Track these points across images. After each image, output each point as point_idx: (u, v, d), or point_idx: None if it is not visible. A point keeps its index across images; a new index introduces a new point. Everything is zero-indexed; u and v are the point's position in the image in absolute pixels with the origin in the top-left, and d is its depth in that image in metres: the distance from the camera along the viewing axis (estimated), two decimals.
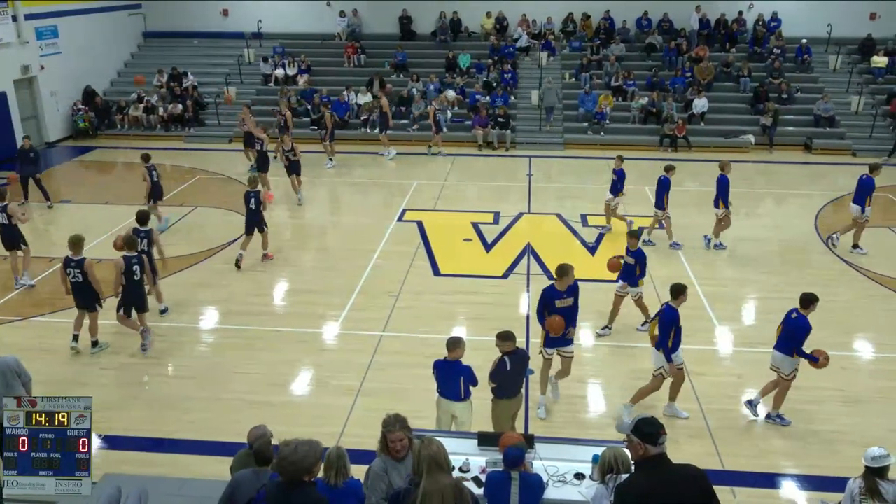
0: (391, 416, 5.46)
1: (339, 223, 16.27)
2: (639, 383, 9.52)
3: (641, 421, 4.39)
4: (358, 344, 10.70)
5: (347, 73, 25.62)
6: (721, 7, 25.96)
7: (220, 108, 24.00)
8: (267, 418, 6.92)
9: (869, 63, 24.33)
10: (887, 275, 13.01)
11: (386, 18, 27.16)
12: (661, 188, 14.02)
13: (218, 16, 27.68)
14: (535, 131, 22.84)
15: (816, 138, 21.99)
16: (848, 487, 6.18)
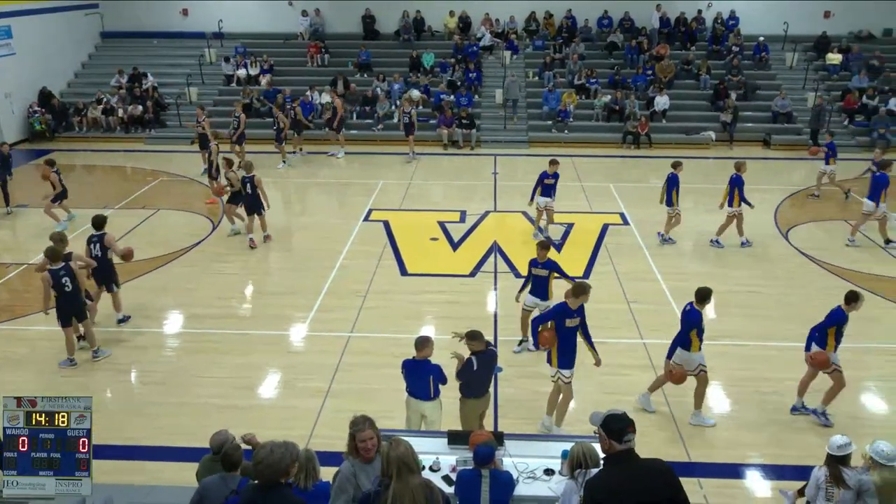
0: (359, 416, 5.43)
1: (305, 224, 16.15)
2: (607, 379, 9.64)
3: (610, 416, 4.42)
4: (326, 345, 10.64)
5: (311, 72, 25.45)
6: (680, 6, 26.34)
7: (181, 109, 23.64)
8: (235, 422, 6.86)
9: (824, 60, 24.90)
10: (845, 267, 13.32)
11: (349, 18, 27.03)
12: (671, 185, 14.15)
13: (177, 15, 27.26)
14: (499, 130, 22.94)
15: (775, 134, 22.45)
16: (813, 475, 6.31)
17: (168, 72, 25.67)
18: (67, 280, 9.71)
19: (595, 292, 12.17)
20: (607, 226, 15.39)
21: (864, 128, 22.26)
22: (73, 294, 9.83)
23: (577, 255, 13.94)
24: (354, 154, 21.65)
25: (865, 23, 25.87)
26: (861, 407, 9.22)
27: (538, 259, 10.00)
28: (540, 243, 10.20)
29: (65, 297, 9.76)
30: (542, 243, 10.20)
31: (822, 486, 6.19)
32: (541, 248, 10.08)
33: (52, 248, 9.71)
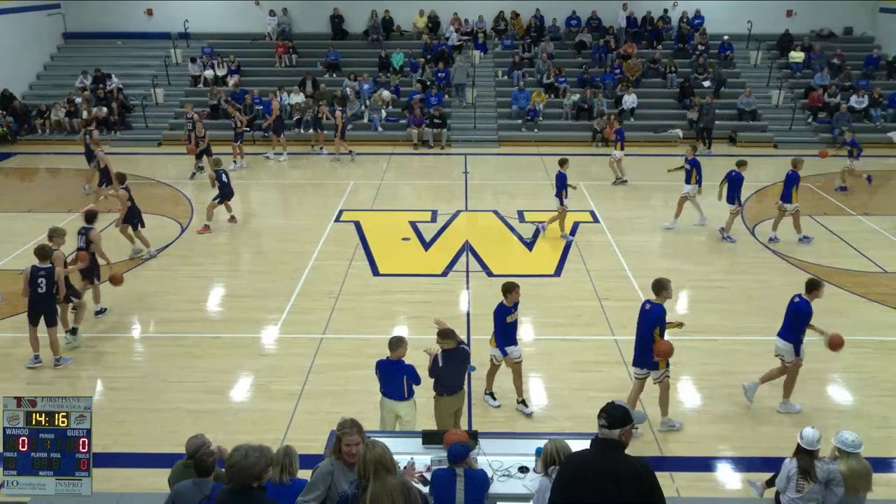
0: (347, 419, 5.41)
1: (276, 225, 16.02)
2: (580, 376, 9.72)
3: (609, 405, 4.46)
4: (298, 347, 10.57)
5: (279, 73, 25.27)
6: (647, 5, 26.64)
7: (147, 110, 23.32)
8: (206, 427, 6.80)
9: (787, 58, 25.36)
10: (809, 261, 13.58)
11: (317, 17, 26.88)
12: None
13: (142, 15, 26.87)
14: (469, 129, 22.99)
15: (740, 131, 22.80)
16: (784, 467, 6.43)
17: (133, 73, 25.31)
18: (43, 282, 9.72)
19: (567, 289, 12.43)
20: (578, 224, 15.50)
21: (826, 124, 22.69)
22: (45, 297, 9.82)
23: (548, 253, 14.03)
24: (324, 154, 21.54)
25: (826, 21, 26.42)
26: (826, 398, 9.41)
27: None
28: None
29: (36, 298, 9.78)
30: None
31: (793, 478, 6.32)
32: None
33: (41, 246, 9.90)
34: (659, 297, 8.32)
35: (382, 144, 22.43)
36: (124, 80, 24.61)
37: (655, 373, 8.40)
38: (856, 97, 23.08)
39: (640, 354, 8.45)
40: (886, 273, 13.15)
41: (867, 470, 6.21)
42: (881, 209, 15.15)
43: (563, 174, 14.20)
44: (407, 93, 23.84)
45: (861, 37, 26.62)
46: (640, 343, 8.42)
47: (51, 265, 9.82)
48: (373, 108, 23.39)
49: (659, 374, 8.40)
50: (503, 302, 8.56)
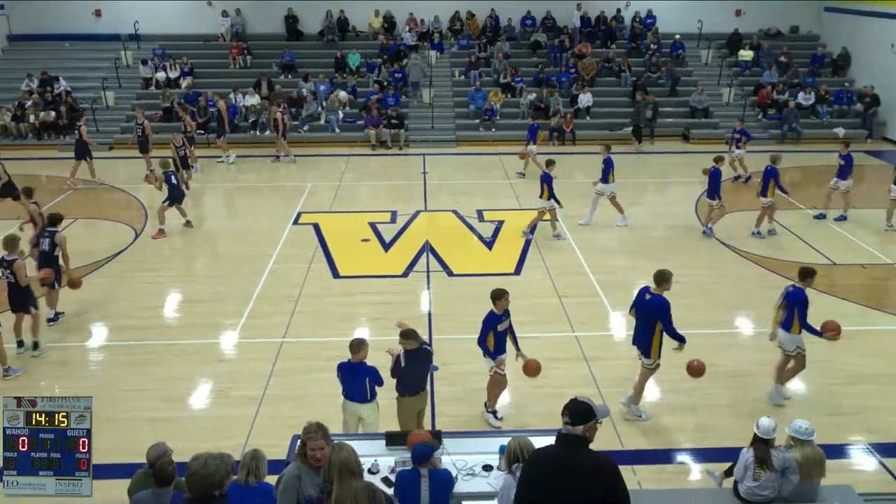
0: (312, 423, 5.37)
1: (233, 229, 15.79)
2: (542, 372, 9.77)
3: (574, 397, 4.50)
4: (258, 352, 10.45)
5: (233, 74, 24.92)
6: (600, 5, 26.97)
7: (97, 113, 22.78)
8: (166, 435, 6.67)
9: (737, 57, 25.92)
10: (762, 254, 13.90)
11: (271, 18, 26.56)
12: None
13: (90, 16, 26.18)
14: (427, 129, 22.99)
15: (693, 129, 23.22)
16: (741, 456, 6.57)
17: (82, 75, 24.68)
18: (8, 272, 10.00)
19: (527, 287, 12.51)
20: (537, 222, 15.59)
21: (776, 121, 23.25)
22: (14, 287, 10.16)
23: (508, 252, 14.11)
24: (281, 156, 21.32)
25: (773, 21, 27.08)
26: None
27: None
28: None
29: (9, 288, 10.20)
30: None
31: (750, 467, 6.46)
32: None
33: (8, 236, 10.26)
34: (660, 287, 8.48)
35: (340, 146, 22.30)
36: (73, 83, 23.99)
37: (647, 360, 8.63)
38: (803, 94, 23.70)
39: (641, 342, 8.65)
40: (835, 265, 13.54)
41: (821, 457, 6.38)
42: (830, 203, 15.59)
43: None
44: (364, 93, 23.73)
45: (807, 35, 27.36)
46: (643, 332, 8.59)
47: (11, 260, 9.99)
48: (329, 110, 23.24)
49: (650, 362, 8.62)
50: (493, 310, 8.39)
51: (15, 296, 10.25)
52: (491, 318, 8.39)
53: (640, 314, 8.67)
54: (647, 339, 8.54)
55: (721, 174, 14.65)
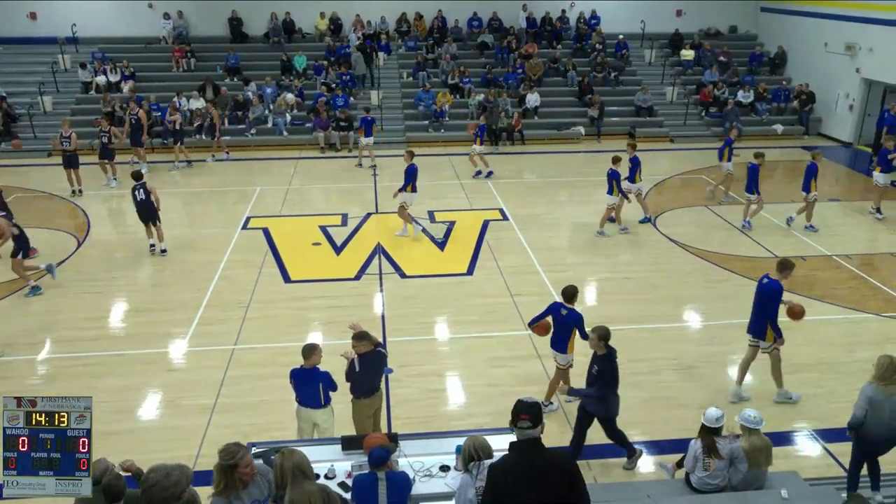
0: (231, 444, 5.08)
1: (181, 235, 15.43)
2: (496, 371, 9.86)
3: (518, 401, 4.52)
4: (209, 360, 10.27)
5: (177, 77, 24.42)
6: (545, 6, 27.27)
7: (34, 120, 22.07)
8: (115, 449, 6.53)
9: (679, 56, 26.51)
10: (707, 249, 14.24)
11: (214, 20, 26.11)
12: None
13: (24, 19, 25.32)
14: (376, 131, 22.87)
15: (639, 127, 23.67)
16: (691, 448, 6.74)
17: (17, 80, 23.86)
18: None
19: (480, 287, 12.59)
20: (488, 222, 15.72)
21: (717, 119, 23.85)
22: None
23: (460, 251, 14.16)
24: (229, 160, 21.02)
25: (713, 21, 27.79)
26: (727, 379, 9.88)
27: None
28: None
29: None
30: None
31: (700, 457, 6.63)
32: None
33: None
34: (781, 274, 8.81)
35: (288, 149, 22.07)
36: (7, 88, 23.17)
37: (765, 344, 8.92)
38: (742, 92, 24.37)
39: (756, 326, 8.98)
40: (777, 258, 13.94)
41: (767, 445, 6.58)
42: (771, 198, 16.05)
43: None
44: (311, 96, 23.53)
45: (745, 35, 28.15)
46: (758, 315, 8.91)
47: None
48: (277, 112, 22.96)
49: (768, 345, 8.91)
50: (563, 304, 8.83)
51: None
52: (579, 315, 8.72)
53: (760, 300, 8.92)
54: (761, 324, 8.88)
55: (759, 169, 14.91)
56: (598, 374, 7.56)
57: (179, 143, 20.22)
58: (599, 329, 7.62)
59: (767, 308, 8.80)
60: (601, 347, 7.59)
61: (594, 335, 7.60)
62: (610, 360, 7.60)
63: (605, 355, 7.59)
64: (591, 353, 7.77)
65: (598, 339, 7.59)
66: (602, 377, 7.54)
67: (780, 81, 25.06)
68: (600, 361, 7.60)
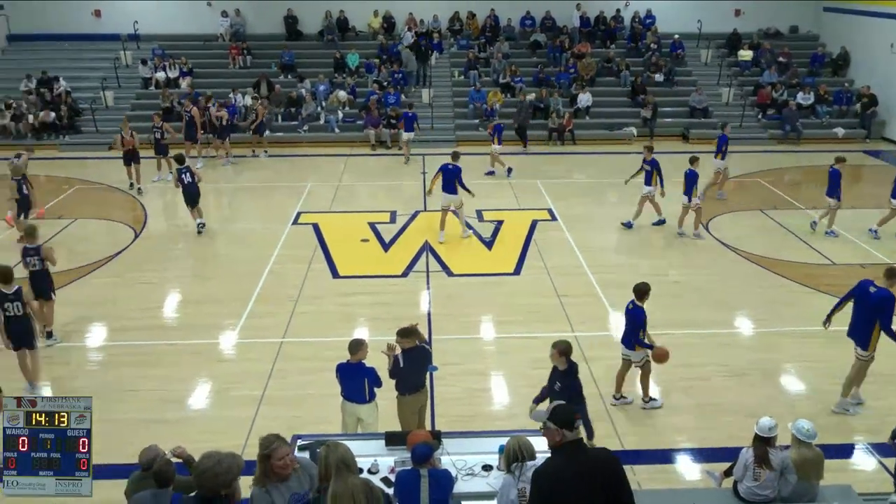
0: (270, 435, 5.06)
1: (232, 229, 15.76)
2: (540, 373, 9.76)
3: (558, 407, 4.50)
4: (257, 352, 10.44)
5: (233, 74, 24.91)
6: (599, 5, 26.96)
7: (96, 114, 22.77)
8: (163, 437, 6.67)
9: (736, 57, 25.91)
10: (761, 254, 13.89)
11: (270, 18, 26.55)
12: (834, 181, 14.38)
13: (89, 16, 26.17)
14: (427, 129, 22.95)
15: (692, 128, 23.22)
16: (741, 456, 6.56)
17: (81, 76, 24.65)
18: (11, 306, 9.25)
19: (526, 287, 12.52)
20: (536, 222, 15.62)
21: (776, 121, 23.25)
22: (38, 274, 10.53)
23: (507, 251, 14.10)
24: (281, 157, 21.35)
25: (773, 20, 27.07)
26: (780, 387, 9.64)
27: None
28: None
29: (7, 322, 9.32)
30: None
31: (750, 466, 6.45)
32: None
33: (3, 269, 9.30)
34: (889, 282, 8.65)
35: (339, 146, 22.30)
36: (72, 84, 23.97)
37: (865, 353, 8.72)
38: (802, 94, 23.70)
39: (859, 334, 8.76)
40: (835, 265, 13.53)
41: (818, 458, 6.38)
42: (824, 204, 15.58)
43: (694, 172, 14.35)
44: (363, 94, 23.73)
45: (806, 35, 27.35)
46: (862, 324, 8.68)
47: (16, 289, 9.27)
48: (329, 110, 23.23)
49: (867, 354, 8.71)
50: (640, 304, 8.72)
51: (38, 283, 10.48)
52: (642, 314, 8.67)
53: (859, 307, 8.74)
54: (866, 332, 8.66)
55: (840, 174, 14.46)
56: (562, 391, 7.32)
57: (226, 139, 20.57)
58: (559, 344, 7.41)
59: (877, 318, 8.47)
60: (562, 362, 7.36)
61: (554, 350, 7.38)
62: (572, 376, 7.40)
63: (567, 370, 7.38)
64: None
65: (558, 353, 7.36)
66: (568, 392, 7.30)
67: (843, 83, 24.30)
68: (562, 377, 7.39)
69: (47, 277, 10.65)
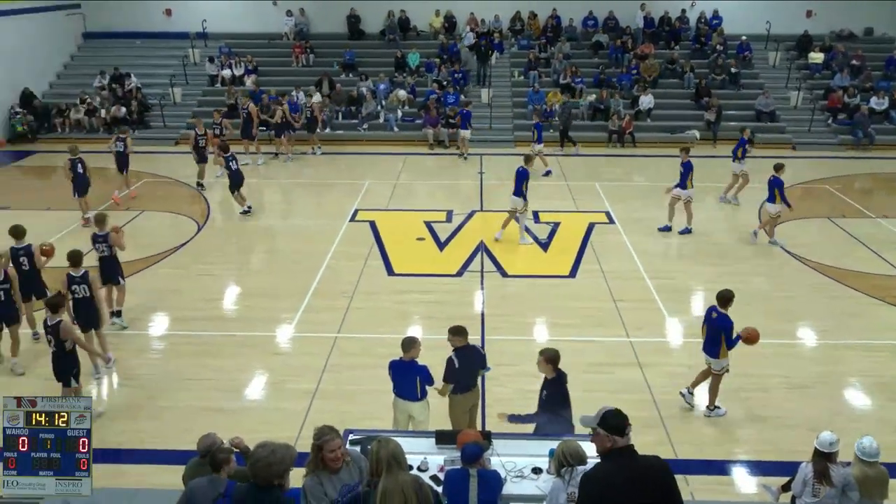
0: (324, 426, 5.16)
1: (291, 225, 16.07)
2: (593, 377, 9.69)
3: (608, 414, 4.44)
4: (312, 346, 10.60)
5: (296, 72, 25.35)
6: (664, 5, 26.49)
7: (165, 109, 23.50)
8: (219, 425, 6.82)
9: (806, 59, 25.11)
10: (828, 264, 13.44)
11: (333, 17, 26.96)
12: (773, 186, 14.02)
13: (160, 15, 27.06)
14: (485, 129, 22.94)
15: (758, 133, 22.57)
16: (801, 471, 6.36)
17: (151, 72, 25.49)
18: (79, 288, 9.60)
19: (581, 290, 12.39)
20: (593, 224, 15.44)
21: (847, 126, 22.45)
22: (107, 260, 10.92)
23: (563, 253, 13.98)
24: (340, 154, 21.63)
25: (846, 22, 26.13)
26: (843, 402, 9.31)
27: None
28: None
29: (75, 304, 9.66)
30: None
31: (809, 482, 6.24)
32: None
33: (72, 252, 9.67)
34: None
35: (398, 144, 22.46)
36: (143, 80, 24.81)
37: None
38: (876, 99, 22.83)
39: None
40: None
41: (882, 477, 6.13)
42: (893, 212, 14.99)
43: (779, 179, 13.99)
44: (423, 93, 23.86)
45: (881, 37, 26.33)
46: None
47: (83, 272, 9.65)
48: (388, 108, 23.45)
49: None
50: (726, 312, 8.60)
51: (107, 268, 10.87)
52: (728, 321, 8.52)
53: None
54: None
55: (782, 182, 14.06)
56: (548, 399, 7.15)
57: (281, 136, 20.85)
58: (546, 352, 7.18)
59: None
60: (549, 371, 7.13)
61: (541, 357, 7.16)
62: (560, 384, 7.18)
63: (555, 379, 7.17)
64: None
65: (544, 361, 7.13)
66: (550, 401, 7.13)
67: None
68: (549, 385, 7.19)
69: (116, 263, 11.03)
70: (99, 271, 10.77)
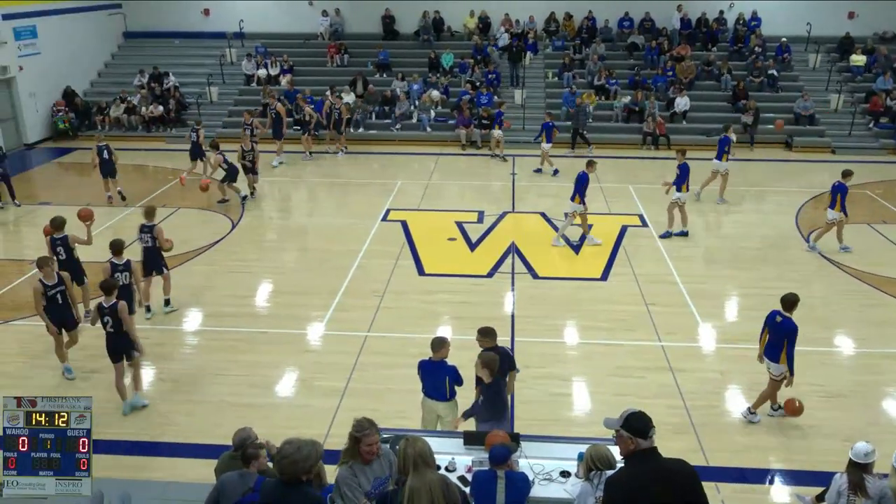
0: (364, 419, 5.24)
1: (323, 224, 16.19)
2: (623, 381, 9.61)
3: (631, 416, 4.42)
4: (342, 345, 10.67)
5: (330, 72, 25.54)
6: (702, 6, 26.14)
7: (202, 108, 23.84)
8: (250, 420, 6.89)
9: (848, 61, 24.59)
10: (867, 271, 13.15)
11: (368, 18, 27.10)
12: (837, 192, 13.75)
13: (199, 15, 27.48)
14: (518, 130, 22.86)
15: (797, 136, 22.20)
16: (835, 482, 6.23)
17: (189, 71, 25.89)
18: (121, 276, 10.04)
19: (613, 294, 12.29)
20: (626, 227, 15.31)
21: (888, 130, 21.96)
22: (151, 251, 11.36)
23: (595, 256, 13.88)
24: (373, 154, 21.75)
25: (890, 24, 25.51)
26: (881, 412, 9.11)
27: None
28: None
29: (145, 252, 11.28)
30: None
31: (844, 493, 6.11)
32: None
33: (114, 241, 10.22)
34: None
35: (431, 145, 22.50)
36: (181, 79, 25.20)
37: None
38: None
39: None
40: None
41: None
42: None
43: (843, 185, 13.67)
44: (456, 93, 23.86)
45: None
46: None
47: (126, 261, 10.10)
48: (422, 109, 23.50)
49: None
50: (791, 317, 8.49)
51: (151, 259, 11.28)
52: (792, 325, 8.43)
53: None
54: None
55: (847, 189, 13.73)
56: (484, 404, 7.15)
57: (307, 134, 21.00)
58: (483, 356, 7.05)
59: None
60: (486, 375, 6.98)
61: (478, 360, 7.04)
62: (495, 391, 7.09)
63: (491, 384, 7.04)
64: None
65: (481, 364, 6.99)
66: (490, 405, 7.11)
67: None
68: (486, 390, 7.09)
69: (158, 254, 11.38)
70: (142, 262, 11.17)
